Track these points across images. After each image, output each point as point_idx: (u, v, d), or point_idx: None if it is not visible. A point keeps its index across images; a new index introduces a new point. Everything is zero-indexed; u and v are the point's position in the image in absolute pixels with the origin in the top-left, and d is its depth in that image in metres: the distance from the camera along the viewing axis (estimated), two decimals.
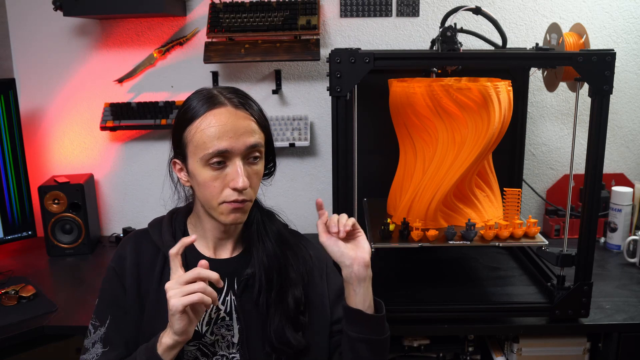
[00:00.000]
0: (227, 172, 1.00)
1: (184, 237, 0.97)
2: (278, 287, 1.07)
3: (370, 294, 1.07)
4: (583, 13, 1.92)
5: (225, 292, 1.08)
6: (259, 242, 1.10)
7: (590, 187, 1.31)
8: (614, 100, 1.95)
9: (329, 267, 1.18)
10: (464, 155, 1.36)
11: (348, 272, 1.05)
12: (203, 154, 1.00)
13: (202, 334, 1.06)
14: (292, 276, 1.09)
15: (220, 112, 1.01)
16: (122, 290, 1.07)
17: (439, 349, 1.51)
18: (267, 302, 1.06)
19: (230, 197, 1.00)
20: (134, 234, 1.14)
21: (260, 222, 1.13)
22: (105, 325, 1.07)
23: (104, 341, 1.06)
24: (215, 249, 1.11)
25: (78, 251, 1.89)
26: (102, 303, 1.09)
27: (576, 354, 1.45)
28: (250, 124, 1.02)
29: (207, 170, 1.00)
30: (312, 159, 2.04)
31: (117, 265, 1.09)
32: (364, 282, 1.05)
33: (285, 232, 1.16)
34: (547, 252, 1.37)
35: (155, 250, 1.10)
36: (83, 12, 1.72)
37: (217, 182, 1.01)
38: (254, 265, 1.08)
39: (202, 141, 1.00)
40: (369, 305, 1.06)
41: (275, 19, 1.82)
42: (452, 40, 1.33)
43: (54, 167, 2.05)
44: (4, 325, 1.39)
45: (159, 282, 1.07)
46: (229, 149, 0.99)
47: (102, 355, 1.05)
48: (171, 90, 2.00)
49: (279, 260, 1.09)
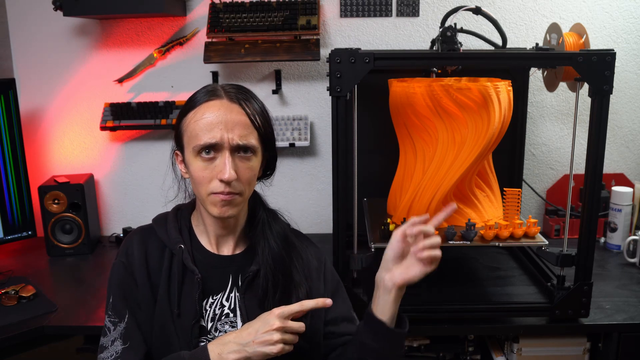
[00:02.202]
0: (216, 163, 1.01)
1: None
2: (282, 288, 1.07)
3: (391, 308, 1.02)
4: (583, 13, 1.92)
5: (230, 288, 1.09)
6: (263, 241, 1.10)
7: (590, 187, 1.31)
8: (614, 100, 1.95)
9: (327, 267, 1.18)
10: (464, 155, 1.36)
11: (380, 273, 1.04)
12: (194, 145, 1.01)
13: (208, 330, 1.06)
14: (296, 278, 1.09)
15: (213, 105, 1.02)
16: (134, 285, 1.07)
17: (439, 349, 1.51)
18: (272, 302, 1.06)
19: (217, 188, 1.01)
20: (139, 230, 1.14)
21: (266, 221, 1.13)
22: (124, 320, 1.05)
23: (124, 337, 1.04)
24: (217, 244, 1.12)
25: (78, 251, 1.89)
26: (117, 299, 1.07)
27: (576, 354, 1.45)
28: (243, 119, 1.02)
29: (198, 160, 1.02)
30: (312, 159, 2.04)
31: (127, 261, 1.08)
32: (388, 294, 1.02)
33: (289, 232, 1.16)
34: (547, 252, 1.37)
35: (161, 246, 1.10)
36: (83, 12, 1.72)
37: (206, 172, 1.01)
38: (258, 264, 1.08)
39: (194, 132, 1.01)
40: (389, 317, 1.02)
41: (275, 19, 1.82)
42: (452, 40, 1.33)
43: (54, 167, 2.05)
44: (4, 325, 1.39)
45: (168, 279, 1.06)
46: (218, 141, 1.00)
47: (122, 352, 1.03)
48: (171, 90, 2.00)
49: (284, 261, 1.09)
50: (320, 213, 2.05)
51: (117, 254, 1.11)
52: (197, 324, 1.04)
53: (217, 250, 1.12)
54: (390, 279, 1.01)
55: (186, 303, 1.05)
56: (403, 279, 1.00)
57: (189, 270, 1.07)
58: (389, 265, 1.03)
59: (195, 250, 1.10)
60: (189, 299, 1.05)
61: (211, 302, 1.07)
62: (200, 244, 1.12)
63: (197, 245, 1.11)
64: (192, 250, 1.09)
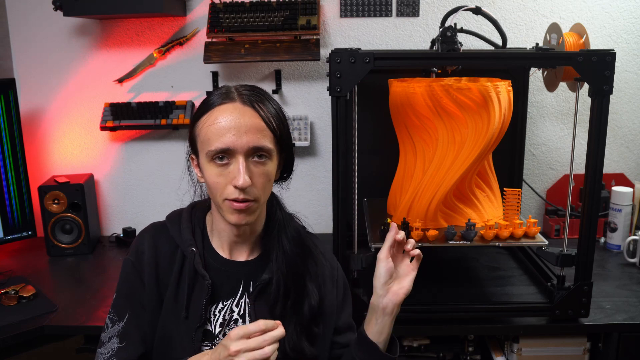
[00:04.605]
0: (230, 169, 0.98)
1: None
2: (294, 296, 1.06)
3: (388, 329, 1.05)
4: (583, 13, 1.92)
5: (240, 294, 1.07)
6: (278, 248, 1.08)
7: (590, 187, 1.31)
8: (614, 100, 1.95)
9: (339, 274, 1.17)
10: (464, 155, 1.36)
11: (377, 300, 1.05)
12: (207, 150, 0.98)
13: (214, 334, 1.05)
14: (309, 286, 1.08)
15: (226, 109, 0.99)
16: (141, 285, 1.06)
17: (439, 349, 1.51)
18: (282, 310, 1.05)
19: (231, 194, 0.98)
20: (152, 228, 1.12)
21: (282, 226, 1.10)
22: (124, 320, 1.05)
23: (120, 336, 1.04)
24: (231, 250, 1.09)
25: (78, 251, 1.89)
26: (120, 297, 1.07)
27: (576, 354, 1.45)
28: (257, 122, 0.99)
29: (212, 166, 0.99)
30: (312, 159, 2.04)
31: (136, 260, 1.07)
32: (388, 315, 1.04)
33: (305, 238, 1.13)
34: (547, 252, 1.37)
35: (173, 246, 1.08)
36: (83, 12, 1.72)
37: (220, 178, 0.99)
38: (271, 272, 1.07)
39: (207, 137, 0.99)
40: (384, 339, 1.05)
41: (275, 19, 1.82)
42: (452, 40, 1.33)
43: (54, 167, 2.05)
44: (4, 325, 1.39)
45: (178, 280, 1.05)
46: (231, 147, 0.97)
47: (117, 350, 1.03)
48: (171, 90, 2.00)
49: (298, 269, 1.07)
50: (320, 213, 2.05)
51: (129, 251, 1.09)
52: (200, 329, 1.03)
53: (230, 255, 1.09)
54: (391, 299, 1.04)
55: (193, 307, 1.04)
56: (404, 293, 1.04)
57: (200, 275, 1.05)
58: (381, 291, 1.04)
59: (208, 254, 1.08)
60: (197, 303, 1.04)
61: (221, 308, 1.06)
62: (213, 248, 1.09)
63: (210, 249, 1.09)
64: (204, 254, 1.07)
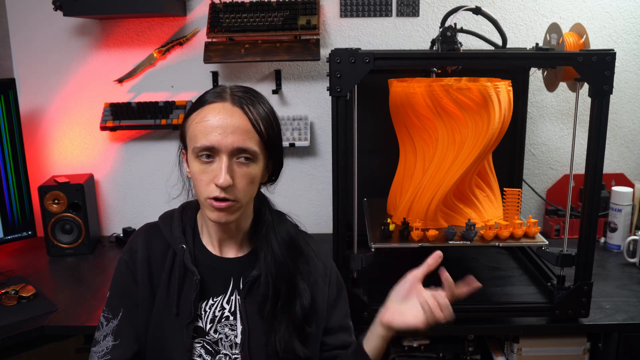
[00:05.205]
0: (213, 167, 1.00)
1: None
2: (285, 296, 1.06)
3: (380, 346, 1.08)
4: (583, 13, 1.92)
5: (231, 291, 1.08)
6: (266, 246, 1.09)
7: (590, 187, 1.31)
8: (614, 100, 1.95)
9: (332, 271, 1.17)
10: (464, 155, 1.36)
11: (380, 309, 1.08)
12: (194, 146, 1.00)
13: (206, 331, 1.06)
14: (300, 285, 1.08)
15: (216, 107, 1.01)
16: (134, 284, 1.07)
17: (439, 349, 1.51)
18: (273, 310, 1.05)
19: (213, 192, 0.99)
20: (146, 227, 1.14)
21: (271, 224, 1.11)
22: (117, 317, 1.07)
23: (115, 334, 1.06)
24: (221, 246, 1.11)
25: (78, 251, 1.89)
26: (114, 296, 1.09)
27: (576, 354, 1.45)
28: (244, 123, 1.00)
29: (198, 162, 1.01)
30: (312, 159, 2.04)
31: (130, 259, 1.09)
32: (381, 327, 1.07)
33: (296, 236, 1.14)
34: (547, 252, 1.37)
35: (165, 245, 1.10)
36: (83, 12, 1.72)
37: (204, 175, 1.00)
38: (260, 268, 1.08)
39: (194, 134, 1.01)
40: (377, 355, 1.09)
41: (275, 19, 1.82)
42: (452, 40, 1.33)
43: (54, 167, 2.05)
44: (4, 325, 1.39)
45: (168, 278, 1.07)
46: (216, 146, 0.98)
47: (112, 348, 1.05)
48: (171, 90, 2.00)
49: (288, 268, 1.08)
50: (320, 213, 2.05)
51: (123, 250, 1.11)
52: (191, 325, 1.04)
53: (220, 252, 1.11)
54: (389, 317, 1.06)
55: (184, 303, 1.05)
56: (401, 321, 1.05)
57: (189, 271, 1.06)
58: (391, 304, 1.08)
59: (198, 251, 1.10)
60: (187, 299, 1.05)
61: (211, 304, 1.07)
62: (203, 245, 1.11)
63: (200, 246, 1.11)
64: (194, 251, 1.09)
